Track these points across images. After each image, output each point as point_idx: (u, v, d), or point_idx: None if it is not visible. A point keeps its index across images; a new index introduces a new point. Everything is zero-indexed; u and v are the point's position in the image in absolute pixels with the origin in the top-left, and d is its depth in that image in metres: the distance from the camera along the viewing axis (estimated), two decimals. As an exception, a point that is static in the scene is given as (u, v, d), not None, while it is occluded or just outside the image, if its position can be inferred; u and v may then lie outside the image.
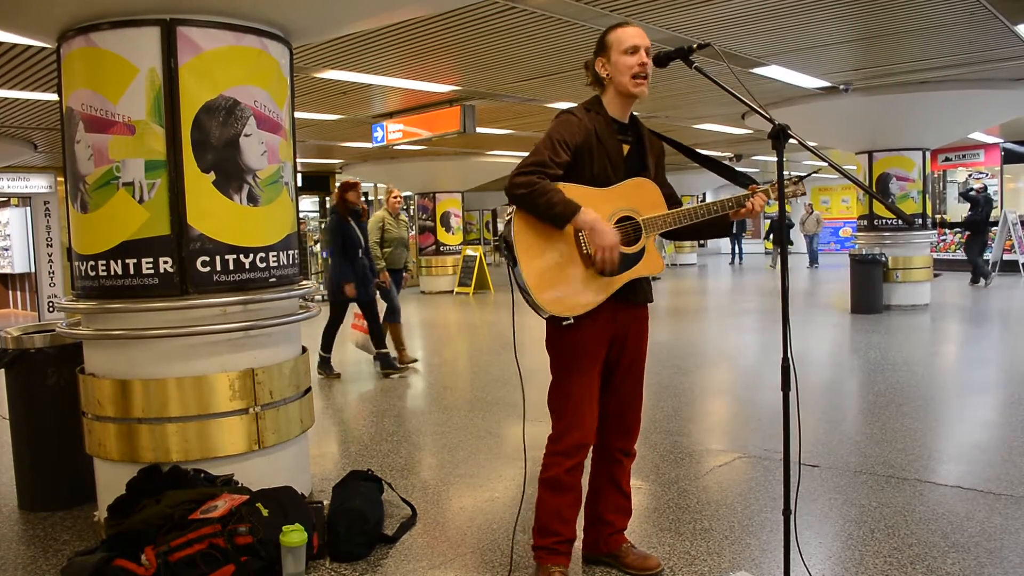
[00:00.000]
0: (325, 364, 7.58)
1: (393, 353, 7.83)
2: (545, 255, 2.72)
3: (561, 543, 2.93)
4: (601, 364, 2.90)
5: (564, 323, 2.76)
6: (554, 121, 2.79)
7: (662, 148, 3.05)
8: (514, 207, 2.72)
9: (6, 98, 7.89)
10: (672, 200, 2.98)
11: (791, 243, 19.43)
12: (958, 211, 17.83)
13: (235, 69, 3.45)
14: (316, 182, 18.27)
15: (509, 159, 15.84)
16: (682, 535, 3.44)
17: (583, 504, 3.15)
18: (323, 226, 16.46)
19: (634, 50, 2.75)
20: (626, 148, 2.88)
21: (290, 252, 3.75)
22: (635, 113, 2.96)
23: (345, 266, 7.12)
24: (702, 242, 30.05)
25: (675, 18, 5.91)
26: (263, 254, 3.57)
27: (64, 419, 4.01)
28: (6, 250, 15.20)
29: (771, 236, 21.30)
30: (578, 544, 3.22)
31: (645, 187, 2.89)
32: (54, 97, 7.47)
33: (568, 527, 2.94)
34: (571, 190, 2.69)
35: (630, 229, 2.82)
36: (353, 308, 7.50)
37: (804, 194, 3.01)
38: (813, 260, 20.71)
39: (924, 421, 5.17)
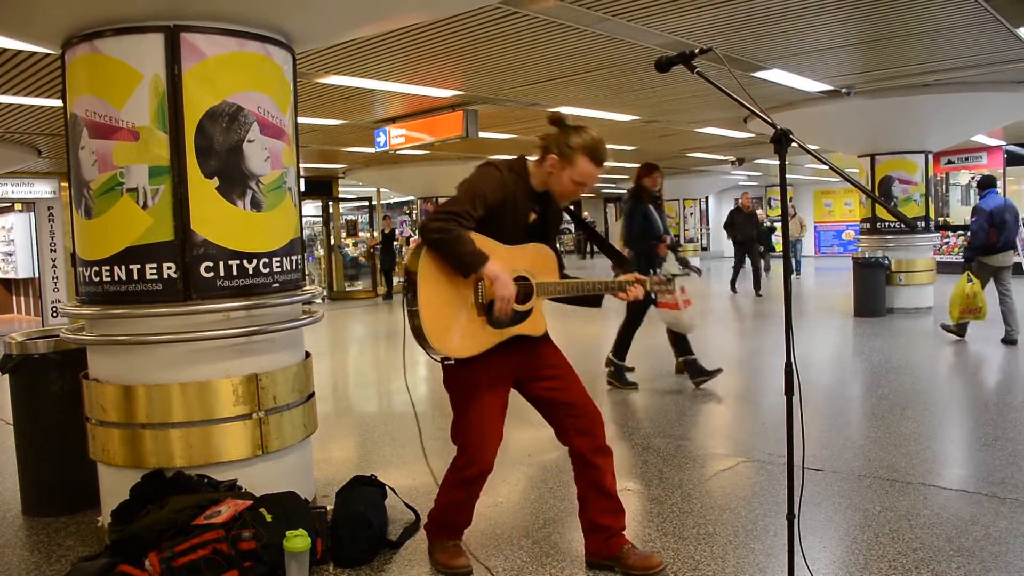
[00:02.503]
0: (619, 373, 6.70)
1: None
2: (442, 296, 2.86)
3: (457, 534, 3.28)
4: (501, 399, 3.07)
5: (444, 361, 2.93)
6: (478, 171, 2.95)
7: (561, 215, 3.24)
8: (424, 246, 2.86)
9: (10, 104, 7.92)
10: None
11: (773, 249, 19.04)
12: (961, 214, 17.82)
13: (238, 75, 3.46)
14: (319, 187, 18.28)
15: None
16: (686, 539, 3.43)
17: (577, 513, 3.23)
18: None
19: (583, 184, 2.99)
20: (532, 216, 3.05)
21: (293, 257, 3.76)
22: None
23: (646, 249, 6.50)
24: (705, 246, 30.00)
25: (677, 22, 5.92)
26: (266, 259, 3.57)
27: (68, 424, 4.02)
28: (10, 255, 15.23)
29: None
30: (581, 550, 3.24)
31: (544, 254, 3.08)
32: (58, 103, 7.48)
33: (464, 524, 3.26)
34: (482, 241, 2.84)
35: (522, 290, 2.96)
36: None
37: (671, 292, 3.28)
38: (795, 268, 19.69)
39: (928, 425, 5.16)
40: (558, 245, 3.23)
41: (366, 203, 21.28)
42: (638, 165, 6.91)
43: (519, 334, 2.99)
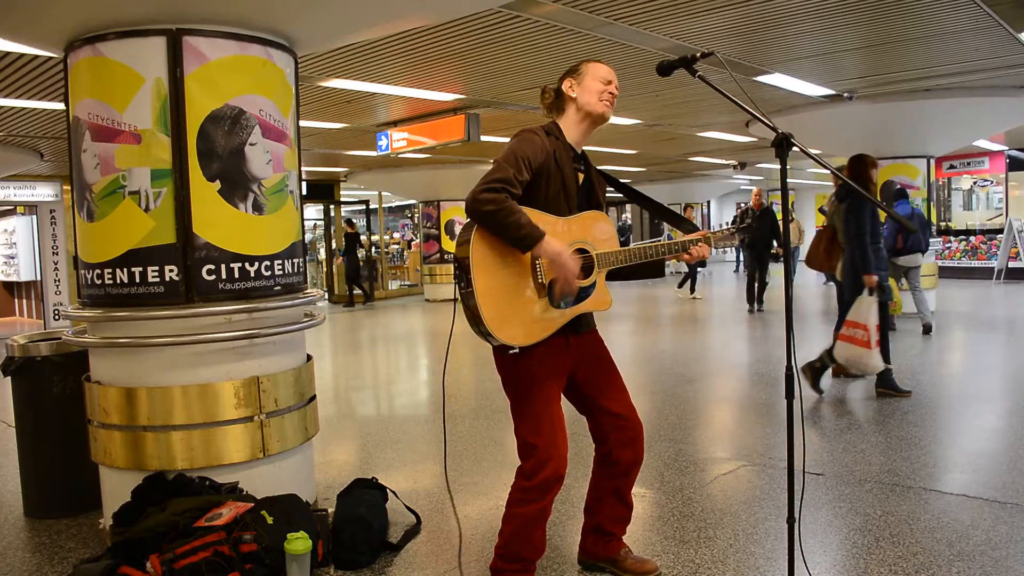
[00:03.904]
0: (817, 374, 6.29)
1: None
2: (500, 280, 2.65)
3: (530, 565, 2.92)
4: (561, 392, 2.89)
5: (510, 352, 2.72)
6: (515, 138, 2.76)
7: (603, 181, 3.09)
8: (474, 226, 2.64)
9: (13, 107, 7.94)
10: None
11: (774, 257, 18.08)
12: (963, 219, 17.82)
13: (240, 78, 3.47)
14: (321, 190, 18.31)
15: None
16: (686, 543, 3.43)
17: (583, 511, 3.18)
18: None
19: (607, 81, 2.84)
20: (581, 177, 2.90)
21: (295, 260, 3.77)
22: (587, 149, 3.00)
23: (872, 254, 5.82)
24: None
25: (679, 26, 5.93)
26: (268, 262, 3.58)
27: (69, 427, 4.03)
28: (12, 258, 15.25)
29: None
30: (574, 549, 3.25)
31: (601, 221, 2.91)
32: (61, 106, 7.51)
33: (538, 551, 2.92)
34: (536, 216, 2.66)
35: (583, 263, 2.79)
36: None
37: (739, 243, 3.05)
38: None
39: (929, 429, 5.15)
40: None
41: (363, 206, 21.17)
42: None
43: (585, 311, 2.85)
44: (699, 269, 15.10)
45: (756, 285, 12.18)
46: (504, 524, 2.89)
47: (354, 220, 18.19)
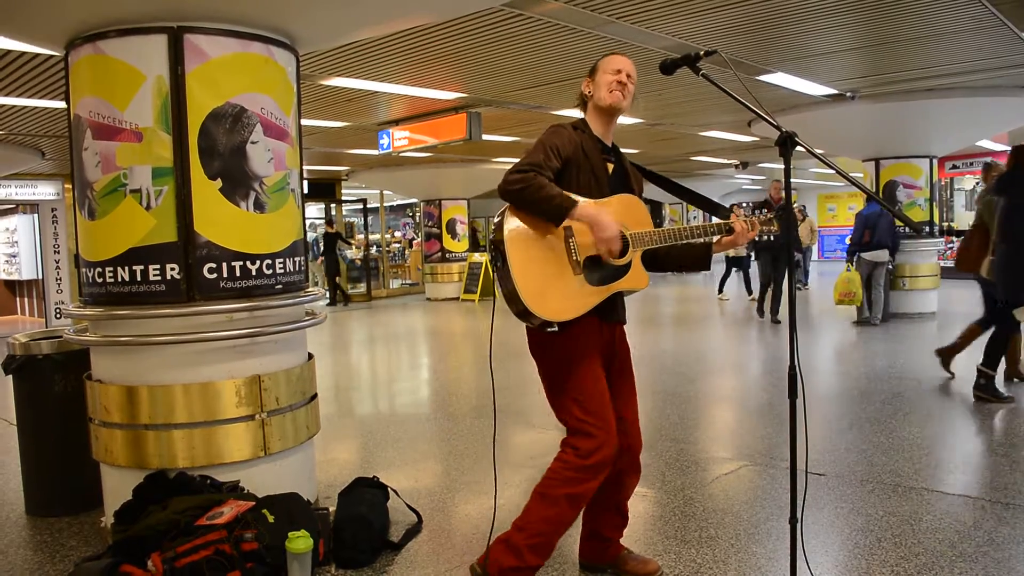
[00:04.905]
0: (988, 385, 5.81)
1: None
2: (535, 259, 2.71)
3: (544, 557, 2.87)
4: (604, 372, 2.89)
5: (548, 329, 2.74)
6: (545, 132, 2.84)
7: (642, 181, 3.13)
8: (506, 208, 2.72)
9: (14, 106, 7.93)
10: None
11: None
12: (965, 219, 17.81)
13: (241, 76, 3.46)
14: (322, 189, 18.30)
15: (515, 166, 15.79)
16: (688, 543, 3.43)
17: (582, 516, 3.16)
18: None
19: (616, 71, 2.86)
20: (611, 166, 2.94)
21: (296, 259, 3.76)
22: (620, 146, 3.04)
23: None
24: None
25: (681, 25, 5.92)
26: (269, 261, 3.58)
27: (71, 425, 4.03)
28: (14, 257, 15.25)
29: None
30: (575, 549, 3.25)
31: (634, 204, 2.94)
32: (62, 105, 7.51)
33: (560, 536, 2.89)
34: None
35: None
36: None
37: (777, 231, 3.01)
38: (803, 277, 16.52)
39: (931, 429, 5.14)
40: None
41: (362, 205, 21.05)
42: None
43: (621, 290, 2.86)
44: (735, 269, 14.49)
45: (771, 292, 11.05)
46: (543, 508, 2.78)
47: (333, 220, 18.12)
